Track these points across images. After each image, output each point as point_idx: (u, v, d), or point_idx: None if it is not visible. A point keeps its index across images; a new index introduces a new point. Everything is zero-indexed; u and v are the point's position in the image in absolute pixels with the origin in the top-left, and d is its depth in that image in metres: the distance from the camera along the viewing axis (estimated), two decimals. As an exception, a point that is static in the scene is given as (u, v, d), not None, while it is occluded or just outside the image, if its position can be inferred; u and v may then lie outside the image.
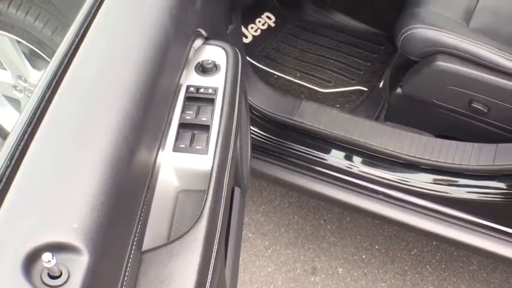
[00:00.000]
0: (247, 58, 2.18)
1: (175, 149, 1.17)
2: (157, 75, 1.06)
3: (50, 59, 1.92)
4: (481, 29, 1.90)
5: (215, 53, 1.36)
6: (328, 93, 2.29)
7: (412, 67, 1.96)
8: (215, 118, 1.23)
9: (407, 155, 1.89)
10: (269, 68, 2.36)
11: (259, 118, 2.01)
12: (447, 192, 1.87)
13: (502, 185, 1.82)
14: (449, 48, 1.83)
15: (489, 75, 1.81)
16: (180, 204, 1.18)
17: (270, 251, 2.30)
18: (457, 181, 1.87)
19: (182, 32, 1.22)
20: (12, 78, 2.18)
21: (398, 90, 2.03)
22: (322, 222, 2.39)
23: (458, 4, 1.98)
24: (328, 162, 1.97)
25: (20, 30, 1.94)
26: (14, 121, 2.30)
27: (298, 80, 2.33)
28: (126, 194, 0.86)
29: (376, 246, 2.32)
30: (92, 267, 0.70)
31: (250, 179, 2.31)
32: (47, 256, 0.66)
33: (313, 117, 1.97)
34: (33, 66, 2.13)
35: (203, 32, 1.34)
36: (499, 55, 1.80)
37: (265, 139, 2.01)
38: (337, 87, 2.31)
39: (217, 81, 1.30)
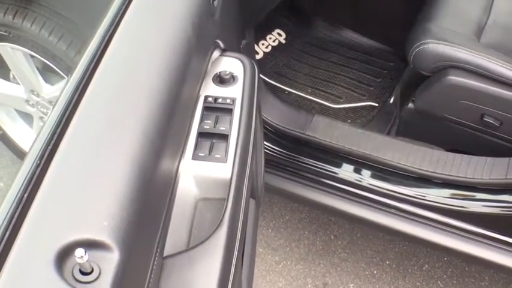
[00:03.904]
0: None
1: (195, 157, 1.18)
2: (180, 83, 1.07)
3: (64, 74, 1.95)
4: (492, 44, 1.92)
5: (232, 64, 1.37)
6: (339, 108, 2.31)
7: (423, 82, 1.97)
8: (233, 128, 1.24)
9: (419, 169, 1.89)
10: (280, 84, 2.37)
11: (271, 133, 2.02)
12: (460, 206, 1.87)
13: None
14: (461, 63, 1.84)
15: (501, 90, 1.82)
16: (199, 212, 1.18)
17: (280, 266, 2.30)
18: (469, 195, 1.87)
19: (202, 42, 1.24)
20: (25, 93, 2.19)
21: (410, 105, 2.04)
22: (332, 237, 2.39)
23: (469, 20, 2.00)
24: (340, 176, 1.98)
25: (34, 44, 1.96)
26: (25, 136, 2.34)
27: (310, 95, 2.34)
28: (151, 197, 0.87)
29: (387, 262, 2.31)
30: (122, 265, 0.71)
31: (263, 197, 2.33)
32: (79, 252, 0.67)
33: (326, 131, 1.99)
34: (46, 81, 2.15)
35: (221, 44, 1.35)
36: (510, 69, 1.81)
37: (278, 154, 2.02)
38: (348, 103, 2.32)
39: (235, 92, 1.31)
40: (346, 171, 1.99)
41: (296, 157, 2.01)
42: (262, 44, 2.49)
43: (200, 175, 1.18)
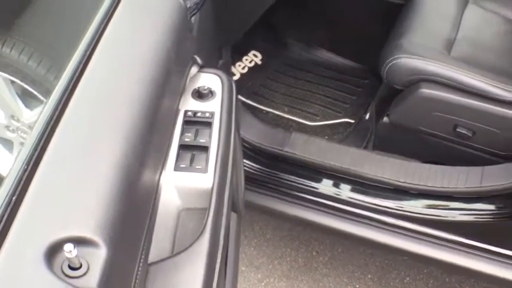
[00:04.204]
0: (236, 94, 2.23)
1: (176, 168, 1.21)
2: (159, 96, 1.10)
3: (44, 98, 1.97)
4: (462, 57, 1.98)
5: (210, 80, 1.41)
6: (316, 126, 2.35)
7: (397, 96, 2.02)
8: (213, 140, 1.27)
9: (396, 181, 1.93)
10: (258, 104, 2.41)
11: (251, 151, 2.05)
12: (437, 216, 1.91)
13: (490, 206, 1.86)
14: (433, 76, 1.90)
15: (472, 101, 1.88)
16: (182, 222, 1.21)
17: (263, 283, 2.32)
18: (446, 204, 1.92)
19: (181, 57, 1.27)
20: (5, 119, 2.20)
21: (385, 119, 2.09)
22: (314, 253, 2.41)
23: (439, 35, 2.06)
24: (320, 191, 2.02)
25: (14, 69, 1.98)
26: (5, 163, 2.34)
27: (287, 114, 2.39)
28: (136, 199, 0.89)
29: (369, 276, 2.34)
30: (109, 261, 0.73)
31: (244, 211, 2.34)
32: (68, 247, 0.69)
33: (303, 147, 2.02)
34: (26, 106, 2.17)
35: (198, 60, 1.39)
36: (480, 81, 1.86)
37: (258, 171, 2.05)
38: (325, 120, 2.37)
39: (213, 106, 1.35)
40: (325, 185, 2.02)
41: (276, 174, 2.04)
42: (239, 65, 2.53)
43: (182, 186, 1.21)
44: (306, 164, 2.02)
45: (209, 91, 1.37)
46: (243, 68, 2.54)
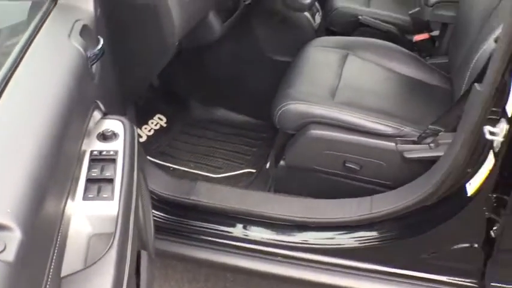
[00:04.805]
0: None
1: (85, 198, 1.33)
2: (62, 135, 1.23)
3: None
4: (345, 101, 2.20)
5: (114, 124, 1.55)
6: (220, 177, 2.51)
7: (290, 140, 2.22)
8: (118, 173, 1.40)
9: (297, 217, 2.09)
10: (165, 162, 2.56)
11: (160, 202, 2.17)
12: (337, 244, 2.07)
13: (382, 230, 2.05)
14: (319, 118, 2.11)
15: (357, 137, 2.09)
16: (93, 247, 1.32)
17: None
18: (343, 233, 2.08)
19: (83, 101, 1.41)
20: None
21: (282, 162, 2.27)
22: (229, 301, 2.51)
23: (324, 83, 2.29)
24: (229, 233, 2.14)
25: None
26: None
27: (193, 169, 2.54)
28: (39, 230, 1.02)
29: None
30: (24, 243, 0.85)
31: (158, 266, 2.45)
32: None
33: (209, 195, 2.17)
34: None
35: (101, 105, 1.53)
36: (362, 119, 2.09)
37: (168, 220, 2.16)
38: (228, 172, 2.54)
39: (117, 146, 1.48)
40: (233, 228, 2.15)
41: (185, 221, 2.16)
42: (145, 128, 2.69)
43: (91, 214, 1.32)
44: (212, 209, 2.16)
45: (112, 133, 1.50)
46: (149, 130, 2.70)
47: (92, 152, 1.45)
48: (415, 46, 2.82)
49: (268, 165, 2.54)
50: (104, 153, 1.45)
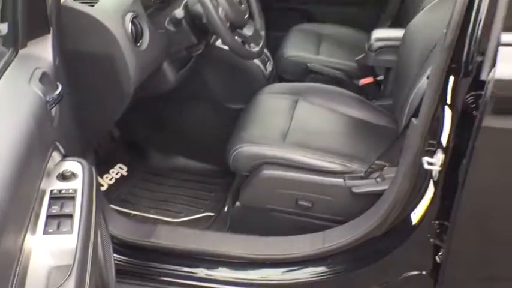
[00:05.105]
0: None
1: (45, 232, 1.40)
2: (20, 174, 1.31)
3: None
4: (295, 142, 2.31)
5: (73, 165, 1.63)
6: (180, 222, 2.60)
7: (244, 181, 2.32)
8: (76, 209, 1.48)
9: (253, 254, 2.17)
10: (126, 209, 2.63)
11: (121, 246, 2.23)
12: (295, 279, 2.14)
13: (333, 264, 2.14)
14: (271, 159, 2.22)
15: (308, 175, 2.19)
16: (54, 279, 1.38)
17: None
18: (299, 269, 2.16)
19: (42, 142, 1.50)
20: None
21: (238, 203, 2.36)
22: None
23: (275, 127, 2.41)
24: (190, 274, 2.19)
25: None
26: None
27: (153, 215, 2.62)
28: None
29: None
30: None
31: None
32: None
33: (169, 236, 2.23)
34: None
35: (60, 147, 1.61)
36: (312, 158, 2.20)
37: (130, 263, 2.21)
38: (188, 216, 2.63)
39: (76, 185, 1.56)
40: (194, 268, 2.21)
41: (147, 264, 2.22)
42: (106, 177, 2.77)
43: (51, 247, 1.39)
44: (172, 251, 2.22)
45: (71, 174, 1.59)
46: (110, 179, 2.78)
47: (51, 191, 1.52)
48: (362, 90, 2.97)
49: (226, 208, 2.63)
50: (63, 191, 1.52)
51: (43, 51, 1.68)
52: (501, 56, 1.57)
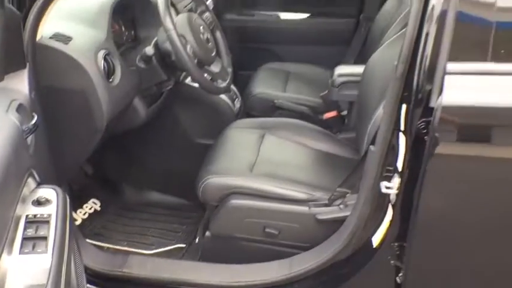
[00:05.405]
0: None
1: (21, 253, 1.48)
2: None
3: None
4: (262, 173, 2.41)
5: (47, 192, 1.71)
6: (152, 253, 2.67)
7: (213, 211, 2.40)
8: (51, 231, 1.56)
9: (223, 282, 2.24)
10: (99, 242, 2.69)
11: (94, 277, 2.29)
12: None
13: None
14: (239, 188, 2.31)
15: (274, 204, 2.29)
16: (30, 297, 1.46)
17: None
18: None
19: (18, 168, 1.58)
20: None
21: (207, 233, 2.43)
22: None
23: (242, 159, 2.51)
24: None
25: None
26: None
27: (125, 247, 2.69)
28: None
29: None
30: None
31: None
32: None
33: (141, 266, 2.30)
34: None
35: (35, 174, 1.70)
36: (277, 187, 2.30)
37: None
38: (160, 248, 2.70)
39: (50, 210, 1.65)
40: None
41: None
42: (80, 212, 2.84)
43: (26, 267, 1.47)
44: (144, 281, 2.29)
45: (46, 200, 1.67)
46: (84, 214, 2.85)
47: (27, 215, 1.60)
48: (327, 124, 3.09)
49: (197, 240, 2.71)
50: (38, 216, 1.61)
51: (20, 84, 1.78)
52: (447, 84, 1.70)
